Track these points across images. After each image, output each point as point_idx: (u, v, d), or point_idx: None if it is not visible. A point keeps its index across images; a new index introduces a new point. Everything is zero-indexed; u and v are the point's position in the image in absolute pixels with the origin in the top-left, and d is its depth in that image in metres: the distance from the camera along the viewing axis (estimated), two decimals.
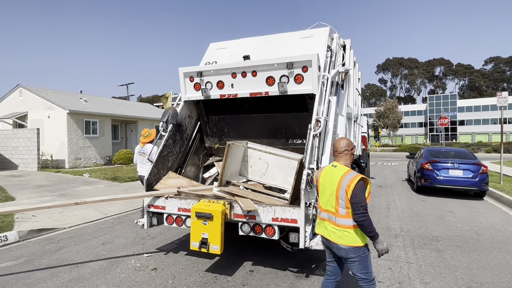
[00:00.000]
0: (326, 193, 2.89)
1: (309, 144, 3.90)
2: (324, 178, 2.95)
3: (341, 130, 5.15)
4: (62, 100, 19.01)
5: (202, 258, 4.74)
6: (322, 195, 2.96)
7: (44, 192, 10.23)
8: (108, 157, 19.85)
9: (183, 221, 4.37)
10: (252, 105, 5.29)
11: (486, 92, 79.23)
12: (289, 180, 4.80)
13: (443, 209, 8.16)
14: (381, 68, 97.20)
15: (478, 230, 6.27)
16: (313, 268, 4.43)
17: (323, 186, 2.95)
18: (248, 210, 3.82)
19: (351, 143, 3.04)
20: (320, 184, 2.98)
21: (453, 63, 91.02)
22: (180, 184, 4.81)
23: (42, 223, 6.68)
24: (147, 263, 4.63)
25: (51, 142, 17.73)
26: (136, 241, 5.65)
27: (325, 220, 2.92)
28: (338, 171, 2.85)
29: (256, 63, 4.75)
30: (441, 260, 4.74)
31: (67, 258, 4.88)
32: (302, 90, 4.52)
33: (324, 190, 2.93)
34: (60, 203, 4.23)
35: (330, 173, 2.92)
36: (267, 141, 5.41)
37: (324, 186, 2.93)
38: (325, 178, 2.93)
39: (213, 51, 6.12)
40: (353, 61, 6.89)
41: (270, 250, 5.01)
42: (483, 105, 66.22)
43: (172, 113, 5.13)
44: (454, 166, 9.71)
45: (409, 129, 72.91)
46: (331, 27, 5.71)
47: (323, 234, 2.96)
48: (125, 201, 8.70)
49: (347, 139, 3.06)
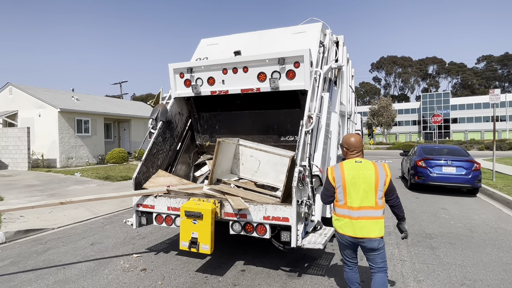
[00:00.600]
0: (359, 190, 2.87)
1: (301, 141, 3.82)
2: (353, 176, 2.91)
3: (334, 127, 5.08)
4: (53, 98, 18.72)
5: (193, 258, 4.64)
6: (355, 192, 2.89)
7: (34, 192, 10.04)
8: (101, 156, 19.61)
9: (173, 220, 4.27)
10: (243, 101, 5.19)
11: (478, 90, 80.00)
12: (281, 177, 4.72)
13: (436, 206, 8.16)
14: (375, 67, 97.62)
15: (471, 227, 6.26)
16: (305, 267, 4.36)
17: (353, 183, 2.90)
18: (239, 208, 3.73)
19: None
20: (349, 182, 2.91)
21: (446, 61, 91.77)
22: (170, 182, 4.71)
23: (30, 224, 6.53)
24: (136, 263, 4.53)
25: (42, 141, 17.45)
26: (126, 241, 5.53)
27: (360, 218, 2.88)
28: (368, 166, 2.94)
29: (247, 58, 4.66)
30: (434, 257, 4.70)
31: (54, 259, 4.75)
32: (294, 86, 4.43)
33: (353, 187, 2.90)
34: (44, 203, 4.10)
35: (358, 169, 2.92)
36: (259, 138, 5.32)
37: (354, 183, 2.89)
38: (356, 175, 2.90)
39: (204, 47, 6.01)
40: (346, 58, 6.83)
41: (261, 249, 4.93)
42: (475, 103, 66.92)
43: (162, 110, 5.02)
44: (447, 163, 9.72)
45: (403, 127, 73.41)
46: (324, 23, 5.63)
47: (353, 235, 2.92)
48: (117, 201, 8.56)
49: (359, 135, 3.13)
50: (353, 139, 3.11)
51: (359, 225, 2.89)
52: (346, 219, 2.95)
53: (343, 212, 2.97)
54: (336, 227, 3.06)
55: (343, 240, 3.04)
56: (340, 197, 2.97)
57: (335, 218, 3.07)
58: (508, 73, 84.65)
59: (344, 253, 3.16)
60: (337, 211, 3.04)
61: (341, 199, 2.97)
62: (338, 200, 3.00)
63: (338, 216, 3.02)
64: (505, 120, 61.14)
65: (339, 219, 3.02)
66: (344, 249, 3.14)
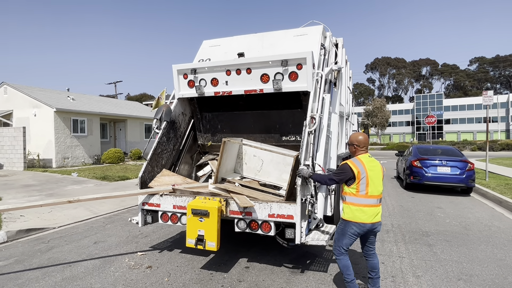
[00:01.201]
0: (376, 181, 3.29)
1: (304, 141, 3.93)
2: (371, 169, 3.29)
3: (334, 127, 5.20)
4: (49, 98, 18.61)
5: (197, 256, 4.73)
6: (373, 183, 3.27)
7: (32, 192, 10.02)
8: (97, 156, 19.55)
9: (178, 218, 4.35)
10: (246, 102, 5.29)
11: (471, 91, 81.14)
12: (284, 176, 4.83)
13: (432, 205, 8.34)
14: (370, 68, 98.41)
15: (466, 225, 6.44)
16: (307, 263, 4.48)
17: (372, 175, 3.27)
18: (245, 206, 3.83)
19: None
20: (370, 175, 3.26)
21: (439, 63, 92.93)
22: (174, 181, 4.79)
23: (31, 223, 6.55)
24: (141, 261, 4.60)
25: (37, 141, 17.35)
26: (129, 240, 5.59)
27: (378, 205, 3.33)
28: (375, 161, 3.41)
29: (251, 60, 4.75)
30: (431, 254, 4.85)
31: (59, 257, 4.80)
32: (297, 87, 4.54)
33: (374, 179, 3.28)
34: (52, 201, 4.16)
35: (372, 163, 3.35)
36: (261, 137, 5.42)
37: (373, 175, 3.28)
38: (373, 169, 3.30)
39: (207, 49, 6.09)
40: (345, 60, 6.96)
41: (264, 247, 5.04)
42: (468, 104, 67.90)
43: (166, 110, 5.09)
44: (442, 163, 9.93)
45: (396, 128, 74.15)
46: (324, 26, 5.76)
47: (372, 221, 3.27)
48: (116, 201, 8.60)
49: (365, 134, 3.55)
50: (362, 137, 3.45)
51: (378, 211, 3.32)
52: (367, 208, 3.24)
53: (364, 202, 3.24)
54: (354, 217, 3.26)
55: (359, 229, 3.26)
56: (363, 187, 3.23)
57: (354, 208, 3.27)
58: (500, 75, 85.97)
59: (346, 245, 3.35)
60: (357, 201, 3.26)
61: (363, 189, 3.23)
62: (359, 190, 3.24)
63: (359, 206, 3.25)
64: (496, 121, 62.12)
65: (359, 209, 3.25)
66: (347, 241, 3.33)
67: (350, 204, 3.30)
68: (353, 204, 3.28)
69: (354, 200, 3.27)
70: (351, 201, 3.29)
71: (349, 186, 3.28)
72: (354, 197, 3.27)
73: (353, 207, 3.27)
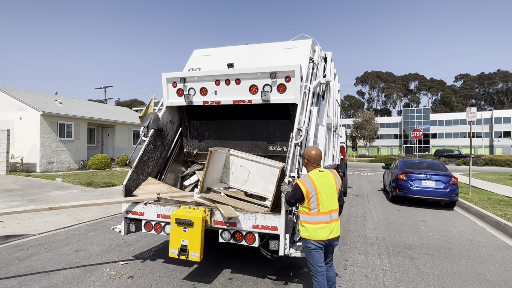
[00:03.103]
0: (327, 196, 3.22)
1: (291, 153, 3.96)
2: (321, 184, 3.22)
3: (321, 139, 5.26)
4: (35, 101, 18.30)
5: (180, 266, 4.67)
6: (323, 199, 3.18)
7: (13, 197, 9.75)
8: (83, 161, 19.21)
9: (162, 227, 4.30)
10: (234, 111, 5.32)
11: (457, 107, 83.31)
12: (270, 187, 4.84)
13: (416, 218, 8.46)
14: (360, 81, 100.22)
15: (449, 239, 6.54)
16: (291, 275, 4.46)
17: (322, 191, 3.18)
18: (229, 217, 3.82)
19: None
20: (320, 191, 3.17)
21: (427, 78, 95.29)
22: (160, 190, 4.75)
23: (10, 229, 6.36)
24: (123, 271, 4.51)
25: (22, 144, 16.96)
26: (111, 249, 5.48)
27: (332, 221, 3.23)
28: (328, 173, 3.34)
29: (240, 71, 4.81)
30: (414, 267, 4.90)
31: (38, 266, 4.67)
32: (285, 99, 4.60)
33: (324, 194, 3.19)
34: (33, 208, 4.06)
35: (323, 177, 3.27)
36: (247, 147, 5.44)
37: (324, 190, 3.21)
38: (323, 183, 3.23)
39: (197, 58, 6.14)
40: (333, 73, 7.10)
41: (248, 258, 5.01)
42: (453, 119, 69.68)
43: (154, 118, 5.07)
44: (427, 177, 10.10)
45: (385, 141, 75.33)
46: (314, 40, 5.88)
47: (328, 237, 3.19)
48: (100, 208, 8.44)
49: (319, 149, 3.49)
50: (314, 152, 3.40)
51: (333, 227, 3.23)
52: (320, 225, 3.18)
53: (317, 219, 3.19)
54: (311, 235, 3.20)
55: (319, 245, 3.20)
56: (314, 205, 3.19)
57: (308, 227, 3.20)
58: (484, 92, 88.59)
59: (317, 261, 3.24)
60: (310, 220, 3.20)
61: (314, 207, 3.19)
62: (311, 208, 3.20)
63: (313, 224, 3.19)
64: (480, 137, 63.73)
65: (313, 226, 3.19)
66: (317, 257, 3.24)
67: (304, 223, 3.26)
68: (306, 222, 3.23)
69: (307, 219, 3.22)
70: (305, 219, 3.25)
71: (302, 205, 3.27)
72: (306, 215, 3.23)
73: (307, 225, 3.22)
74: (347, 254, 5.40)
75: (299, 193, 3.21)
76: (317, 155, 3.39)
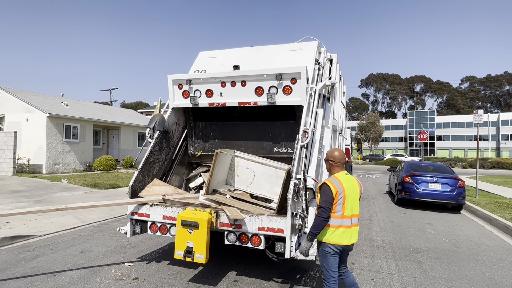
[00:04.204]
0: (350, 200, 3.14)
1: (297, 155, 3.94)
2: (348, 187, 3.16)
3: (327, 141, 5.23)
4: (42, 103, 18.48)
5: (185, 268, 4.66)
6: (349, 204, 3.13)
7: (20, 198, 9.83)
8: (88, 163, 19.33)
9: (168, 229, 4.30)
10: (240, 113, 5.32)
11: (463, 110, 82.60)
12: (275, 189, 4.82)
13: (422, 221, 8.37)
14: (365, 83, 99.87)
15: (456, 243, 6.46)
16: (297, 278, 4.43)
17: (349, 195, 3.15)
18: (235, 219, 3.81)
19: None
20: (347, 194, 3.13)
21: (433, 80, 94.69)
22: (165, 191, 4.75)
23: (17, 230, 6.41)
24: (128, 272, 4.51)
25: (28, 146, 17.13)
26: (116, 250, 5.49)
27: (352, 226, 3.16)
28: (352, 178, 3.28)
29: (246, 73, 4.81)
30: (421, 271, 4.84)
31: (44, 266, 4.69)
32: (291, 101, 4.59)
33: (349, 198, 3.14)
34: (39, 209, 4.08)
35: (349, 181, 3.21)
36: (253, 149, 5.43)
37: (349, 194, 3.14)
38: (349, 187, 3.17)
39: (203, 60, 6.15)
40: (339, 75, 7.07)
41: (254, 260, 4.98)
42: (459, 122, 69.05)
43: (160, 119, 5.09)
44: (433, 180, 10.01)
45: (389, 143, 74.87)
46: (319, 42, 5.86)
47: (347, 242, 3.13)
48: (105, 209, 8.48)
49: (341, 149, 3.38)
50: (337, 153, 3.35)
51: (353, 232, 3.17)
52: (342, 229, 3.10)
53: (340, 223, 3.10)
54: (332, 239, 3.10)
55: (337, 249, 3.12)
56: (339, 208, 3.09)
57: (331, 229, 3.10)
58: (491, 94, 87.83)
59: (332, 266, 3.15)
60: (333, 223, 3.09)
61: (339, 210, 3.09)
62: (335, 211, 3.08)
63: (335, 227, 3.09)
64: (487, 140, 63.08)
65: (336, 230, 3.09)
66: (332, 262, 3.15)
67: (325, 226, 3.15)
68: (327, 226, 3.11)
69: (329, 222, 3.09)
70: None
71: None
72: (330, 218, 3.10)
73: (328, 228, 3.11)
74: (353, 257, 5.35)
75: (329, 193, 3.04)
76: (340, 154, 3.33)
